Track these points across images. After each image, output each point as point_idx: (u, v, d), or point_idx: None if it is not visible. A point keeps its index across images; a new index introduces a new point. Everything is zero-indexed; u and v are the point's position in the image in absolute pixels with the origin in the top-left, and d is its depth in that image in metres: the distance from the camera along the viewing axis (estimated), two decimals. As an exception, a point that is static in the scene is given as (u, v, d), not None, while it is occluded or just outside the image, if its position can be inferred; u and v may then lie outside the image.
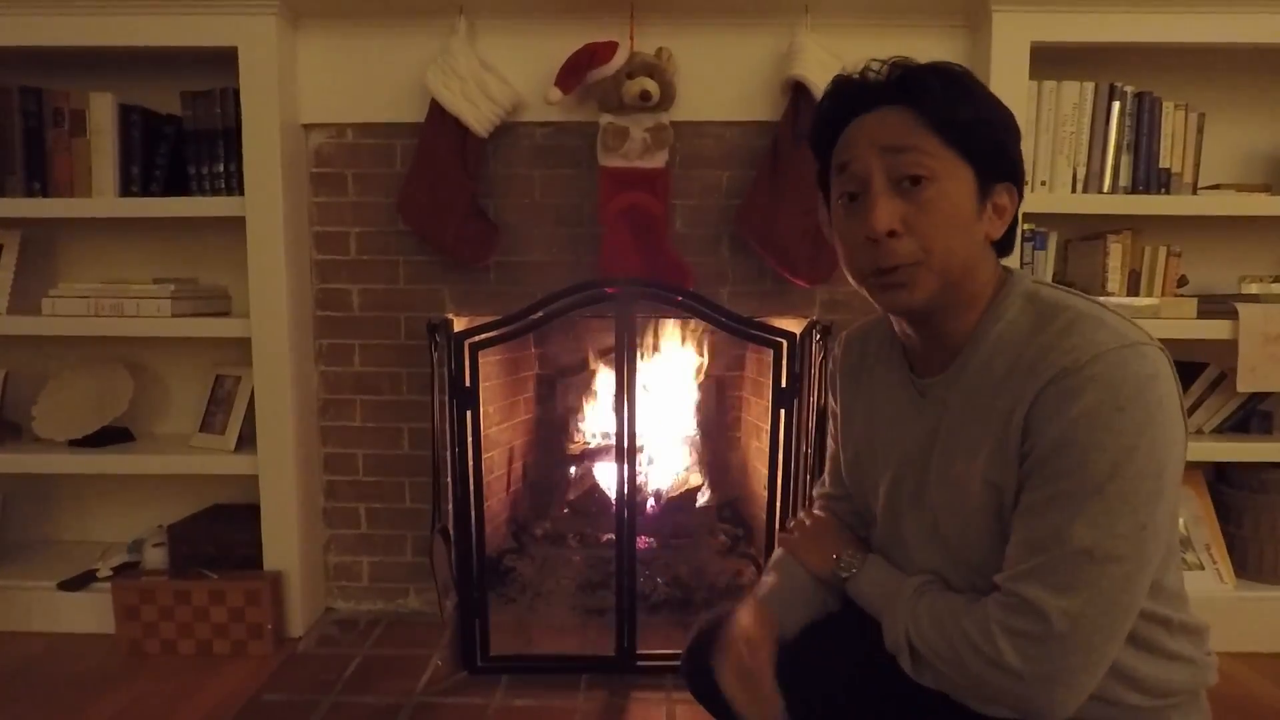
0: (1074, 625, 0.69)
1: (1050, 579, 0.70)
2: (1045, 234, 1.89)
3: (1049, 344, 0.74)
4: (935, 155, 0.77)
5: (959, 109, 0.77)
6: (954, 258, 0.78)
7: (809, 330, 1.80)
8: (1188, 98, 1.87)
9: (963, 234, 0.78)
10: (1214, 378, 1.93)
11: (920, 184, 0.76)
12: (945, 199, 0.77)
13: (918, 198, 0.76)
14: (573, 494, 2.28)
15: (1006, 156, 0.81)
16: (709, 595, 1.99)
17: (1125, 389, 0.70)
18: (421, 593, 2.06)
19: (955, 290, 0.80)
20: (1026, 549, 0.73)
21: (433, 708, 1.64)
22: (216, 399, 2.05)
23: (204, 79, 1.87)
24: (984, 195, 0.79)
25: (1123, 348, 0.71)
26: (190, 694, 1.68)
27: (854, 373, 0.99)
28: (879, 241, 0.77)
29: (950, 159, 0.77)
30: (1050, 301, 0.79)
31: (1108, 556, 0.69)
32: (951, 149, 0.77)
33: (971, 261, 0.80)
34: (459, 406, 1.71)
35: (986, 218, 0.80)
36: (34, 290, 1.97)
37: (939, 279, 0.78)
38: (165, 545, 1.96)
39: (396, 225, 1.96)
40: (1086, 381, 0.70)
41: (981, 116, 0.79)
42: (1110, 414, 0.69)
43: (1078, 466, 0.70)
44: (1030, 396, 0.73)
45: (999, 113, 0.80)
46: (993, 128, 0.79)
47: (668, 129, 1.83)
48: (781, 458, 1.73)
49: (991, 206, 0.80)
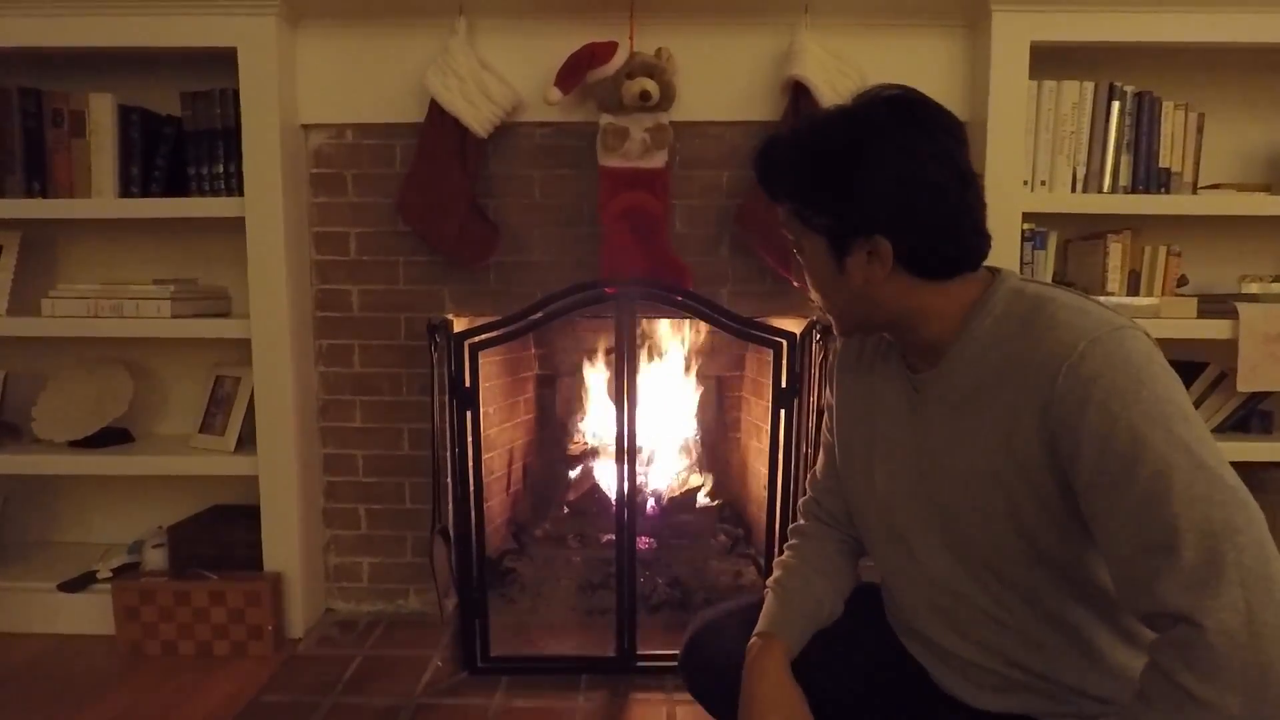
0: (1248, 619, 0.61)
1: (1189, 579, 0.63)
2: (1045, 234, 1.89)
3: (1040, 336, 0.75)
4: (791, 225, 0.87)
5: (782, 186, 0.86)
6: (837, 307, 0.88)
7: (809, 330, 1.80)
8: (1188, 98, 1.87)
9: (832, 290, 0.86)
10: (1214, 378, 1.93)
11: (797, 251, 0.89)
12: (809, 264, 0.88)
13: (799, 260, 0.90)
14: (573, 494, 2.28)
15: (844, 218, 0.81)
16: (709, 596, 1.99)
17: (1132, 367, 0.70)
18: (421, 593, 2.06)
19: (879, 321, 0.87)
20: (1142, 557, 0.66)
21: (433, 708, 1.64)
22: (216, 400, 2.05)
23: (204, 79, 1.87)
24: (842, 254, 0.82)
25: (1114, 330, 0.72)
26: (190, 695, 1.68)
27: (852, 369, 1.00)
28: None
29: (799, 227, 0.86)
30: (1034, 295, 0.79)
31: (1227, 527, 0.63)
32: (798, 221, 0.86)
33: (861, 303, 0.84)
34: (459, 407, 1.71)
35: (856, 271, 0.82)
36: (34, 291, 1.97)
37: (839, 322, 0.90)
38: (165, 546, 1.95)
39: (396, 225, 1.95)
40: (1094, 372, 0.70)
41: (801, 183, 0.84)
42: (1133, 390, 0.68)
43: (1133, 460, 0.67)
44: (1040, 397, 0.73)
45: (826, 180, 0.80)
46: (815, 199, 0.83)
47: (668, 129, 1.83)
48: (781, 458, 1.73)
49: (866, 256, 0.81)
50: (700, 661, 1.02)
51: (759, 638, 0.94)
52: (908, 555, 0.90)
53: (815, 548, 1.04)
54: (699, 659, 1.02)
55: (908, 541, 0.89)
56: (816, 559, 1.02)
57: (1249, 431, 1.96)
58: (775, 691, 0.88)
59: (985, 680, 0.85)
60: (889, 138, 0.78)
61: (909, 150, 0.78)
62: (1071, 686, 0.81)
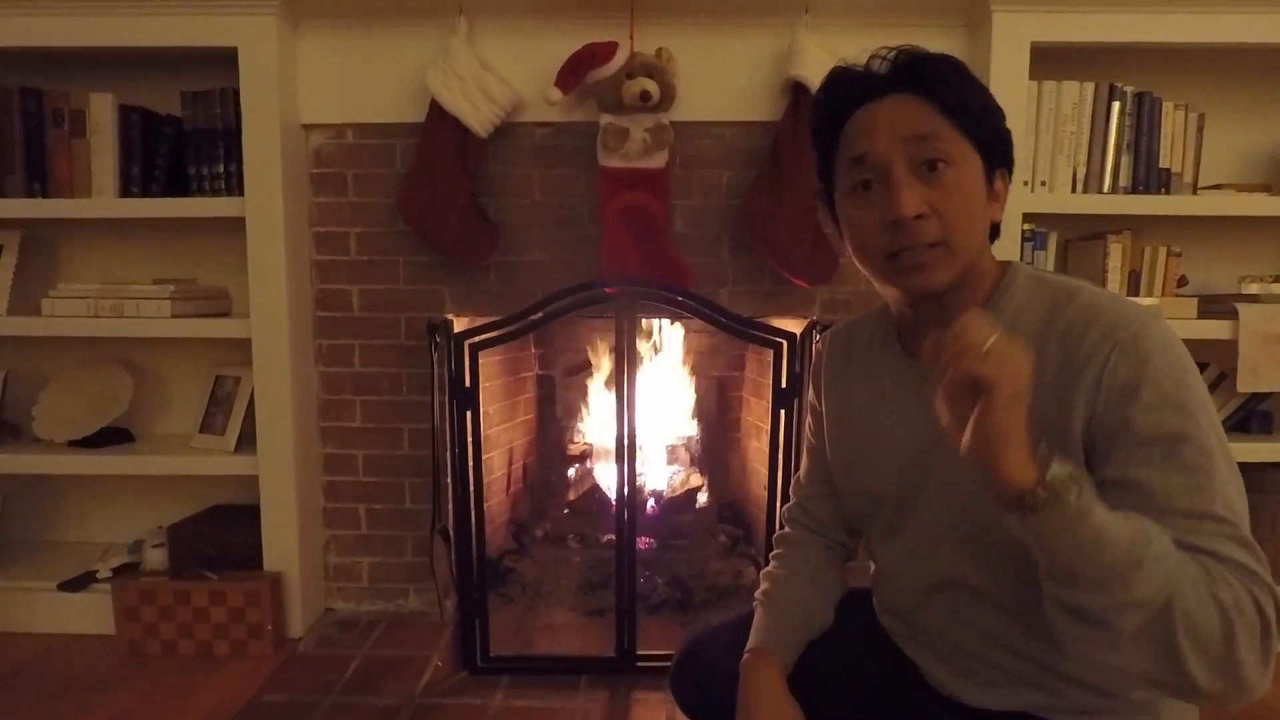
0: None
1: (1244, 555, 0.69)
2: (1045, 234, 1.89)
3: (1085, 319, 0.75)
4: (951, 141, 0.79)
5: (969, 97, 0.81)
6: (972, 239, 0.80)
7: (809, 330, 1.80)
8: (1188, 98, 1.87)
9: (978, 217, 0.81)
10: (1214, 378, 1.93)
11: (939, 169, 0.78)
12: (964, 183, 0.79)
13: (939, 182, 0.78)
14: (573, 494, 2.28)
15: (1005, 144, 0.84)
16: (709, 596, 1.99)
17: (1179, 355, 0.73)
18: (421, 593, 2.06)
19: (967, 272, 0.82)
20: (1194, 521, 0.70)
21: (433, 708, 1.64)
22: (216, 399, 2.05)
23: (204, 79, 1.87)
24: (989, 180, 0.83)
25: (1157, 319, 0.75)
26: (190, 695, 1.68)
27: (842, 369, 0.99)
28: (903, 224, 0.78)
29: (963, 145, 0.80)
30: (1058, 283, 0.81)
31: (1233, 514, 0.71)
32: (963, 135, 0.80)
33: (982, 244, 0.83)
34: (459, 407, 1.71)
35: (998, 198, 0.85)
36: (34, 290, 1.97)
37: (960, 260, 0.79)
38: (165, 546, 1.95)
39: (396, 225, 1.96)
40: (1148, 353, 0.72)
41: (987, 105, 0.82)
42: (1181, 376, 0.71)
43: (1180, 437, 0.70)
44: (1090, 375, 0.73)
45: (995, 102, 0.84)
46: (995, 115, 0.83)
47: (668, 129, 1.83)
48: (781, 458, 1.73)
49: (992, 192, 0.84)
50: (691, 680, 1.00)
51: (751, 654, 0.93)
52: (911, 544, 0.89)
53: (802, 556, 1.03)
54: (690, 677, 1.01)
55: (912, 530, 0.89)
56: (804, 568, 1.01)
57: (1249, 431, 1.96)
58: (773, 709, 0.88)
59: (985, 676, 0.85)
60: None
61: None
62: (1075, 679, 0.80)
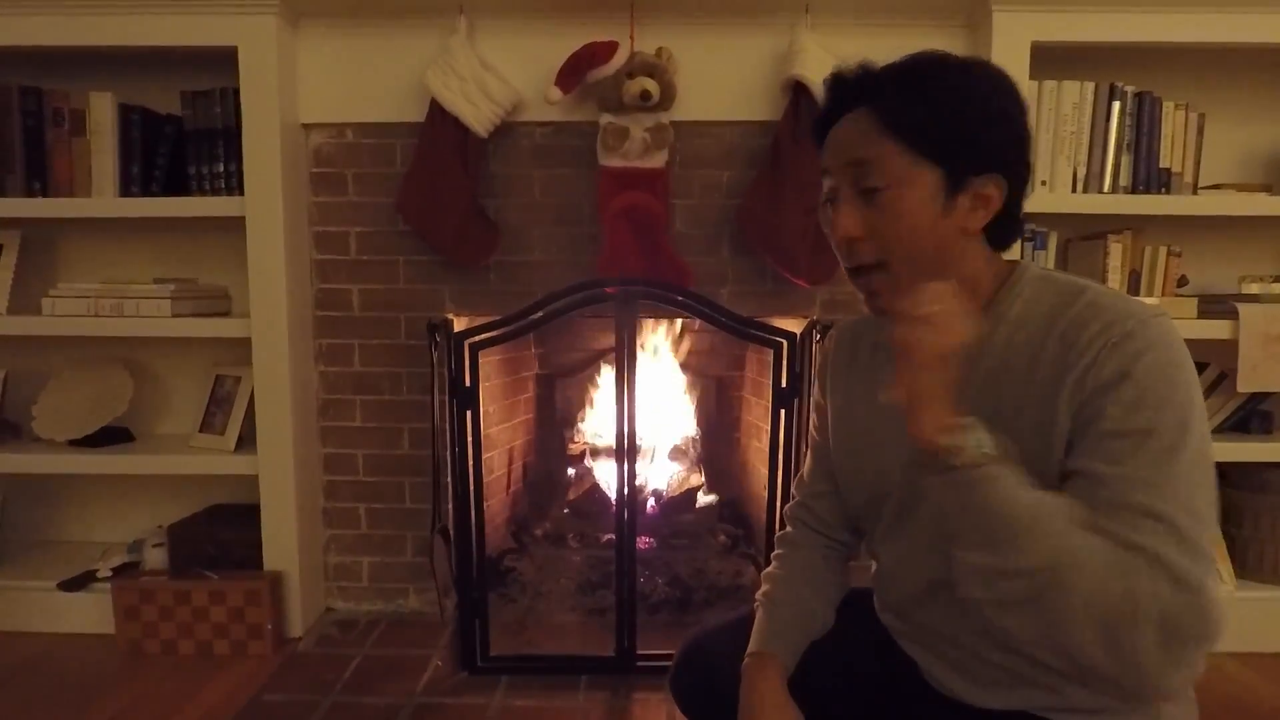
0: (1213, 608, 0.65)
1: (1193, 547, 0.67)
2: (1045, 234, 1.89)
3: (1084, 316, 0.75)
4: (891, 160, 0.80)
5: (914, 110, 0.79)
6: (917, 256, 0.81)
7: (809, 330, 1.80)
8: (1188, 98, 1.87)
9: (925, 234, 0.80)
10: (1214, 378, 1.93)
11: (878, 192, 0.81)
12: (901, 202, 0.80)
13: (876, 204, 0.81)
14: (573, 494, 2.28)
15: (978, 148, 0.79)
16: (709, 595, 1.99)
17: (1174, 351, 0.72)
18: (421, 593, 2.06)
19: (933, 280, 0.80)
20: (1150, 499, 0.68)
21: (433, 708, 1.64)
22: (216, 399, 2.05)
23: (204, 79, 1.87)
24: (955, 190, 0.80)
25: (1158, 316, 0.74)
26: (190, 694, 1.68)
27: (847, 366, 0.99)
28: (841, 246, 0.84)
29: (908, 161, 0.79)
30: (1066, 281, 0.81)
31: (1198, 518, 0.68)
32: (911, 151, 0.79)
33: (945, 253, 0.81)
34: (459, 406, 1.71)
35: (961, 211, 0.81)
36: (34, 290, 1.97)
37: (902, 280, 0.81)
38: (165, 545, 1.96)
39: (396, 225, 1.96)
40: (1139, 349, 0.71)
41: (941, 114, 0.79)
42: (1173, 373, 0.71)
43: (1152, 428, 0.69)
44: (1079, 368, 0.73)
45: (970, 106, 0.79)
46: (959, 122, 0.79)
47: (668, 129, 1.83)
48: (782, 457, 1.73)
49: (971, 198, 0.81)
50: (691, 681, 1.00)
51: (752, 658, 0.93)
52: (912, 543, 0.89)
53: (803, 557, 1.03)
54: (689, 679, 1.00)
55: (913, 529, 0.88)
56: (805, 569, 1.01)
57: (1249, 431, 1.96)
58: (774, 713, 0.87)
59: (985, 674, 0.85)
60: (1011, 81, 0.82)
61: (1021, 100, 0.82)
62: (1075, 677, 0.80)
